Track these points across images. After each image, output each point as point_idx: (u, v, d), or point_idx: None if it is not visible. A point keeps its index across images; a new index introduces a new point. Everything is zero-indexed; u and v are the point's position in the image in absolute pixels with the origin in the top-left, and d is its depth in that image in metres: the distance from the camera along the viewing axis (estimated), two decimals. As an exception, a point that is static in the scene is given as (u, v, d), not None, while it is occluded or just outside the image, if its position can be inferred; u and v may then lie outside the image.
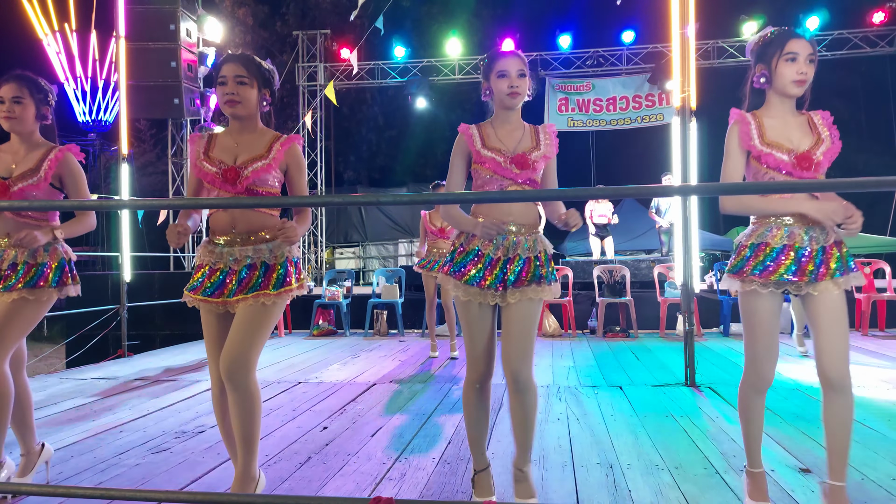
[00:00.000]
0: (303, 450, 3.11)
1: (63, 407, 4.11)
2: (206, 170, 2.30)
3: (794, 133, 2.17)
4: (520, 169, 2.29)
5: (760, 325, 2.15)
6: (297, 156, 2.37)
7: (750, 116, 2.21)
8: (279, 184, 2.37)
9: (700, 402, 4.02)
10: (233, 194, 2.28)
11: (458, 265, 2.29)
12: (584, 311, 8.01)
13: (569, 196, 1.87)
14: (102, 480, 2.70)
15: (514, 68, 2.28)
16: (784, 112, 2.20)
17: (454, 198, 1.92)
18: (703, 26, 10.21)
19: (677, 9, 4.76)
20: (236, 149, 2.32)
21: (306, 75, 12.46)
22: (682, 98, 4.69)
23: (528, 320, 2.27)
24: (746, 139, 2.18)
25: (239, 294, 2.25)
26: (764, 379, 2.17)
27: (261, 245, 2.28)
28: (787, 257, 2.10)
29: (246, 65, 2.27)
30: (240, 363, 2.20)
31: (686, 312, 4.67)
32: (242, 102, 2.26)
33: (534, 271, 2.25)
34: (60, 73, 18.34)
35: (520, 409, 2.29)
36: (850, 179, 1.35)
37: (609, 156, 16.63)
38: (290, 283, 2.29)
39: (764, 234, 2.15)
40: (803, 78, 2.13)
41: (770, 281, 2.10)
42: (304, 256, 12.51)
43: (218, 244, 2.30)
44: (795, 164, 2.12)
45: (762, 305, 2.14)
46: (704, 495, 2.46)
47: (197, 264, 2.34)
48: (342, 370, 5.37)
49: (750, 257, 2.16)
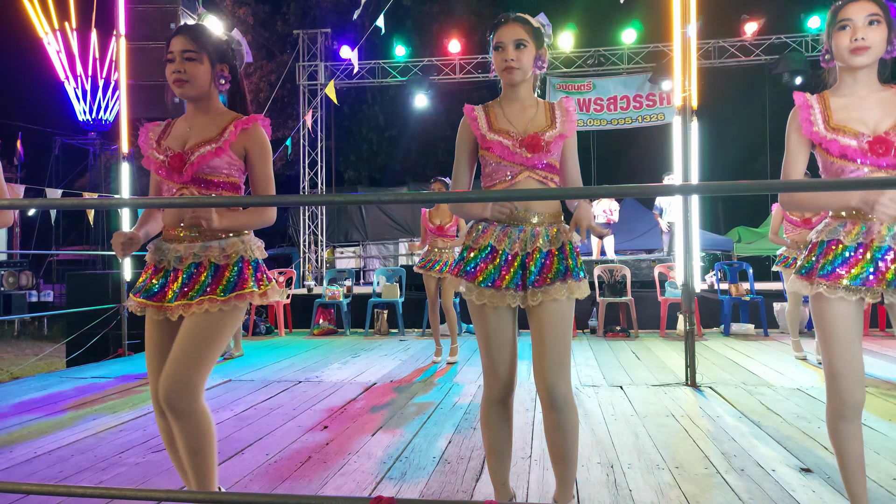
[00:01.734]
0: (303, 449, 3.10)
1: (63, 406, 4.11)
2: (154, 159, 2.02)
3: (871, 112, 1.83)
4: (531, 152, 2.00)
5: (834, 336, 1.83)
6: (257, 138, 2.03)
7: (815, 99, 1.90)
8: (238, 172, 2.04)
9: (701, 401, 4.01)
10: (180, 185, 1.98)
11: (469, 264, 2.02)
12: (585, 310, 8.00)
13: (570, 195, 1.84)
14: (103, 479, 2.70)
15: (511, 38, 2.00)
16: (857, 89, 1.86)
17: (455, 197, 1.91)
18: (704, 26, 10.19)
19: (678, 8, 4.76)
20: (188, 133, 2.03)
21: (307, 74, 12.45)
22: (684, 97, 4.69)
23: (561, 325, 1.97)
24: (808, 125, 1.87)
25: (181, 299, 1.92)
26: (845, 402, 1.83)
27: (210, 242, 1.97)
28: (861, 258, 1.79)
29: (194, 37, 1.97)
30: (180, 387, 1.86)
31: (687, 312, 4.67)
32: (190, 81, 1.96)
33: (558, 266, 1.96)
34: (61, 72, 18.35)
35: (558, 432, 1.98)
36: (853, 179, 1.34)
37: (610, 155, 16.63)
38: (244, 287, 1.95)
39: (836, 230, 1.85)
40: (862, 44, 1.78)
41: (839, 285, 1.80)
42: (305, 256, 12.51)
43: (167, 241, 2.02)
44: (867, 149, 1.78)
45: (834, 313, 1.82)
46: (705, 495, 2.45)
47: (146, 264, 2.06)
48: (343, 369, 5.37)
49: (819, 256, 1.86)
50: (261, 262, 2.07)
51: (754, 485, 2.55)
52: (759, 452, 2.95)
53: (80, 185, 21.41)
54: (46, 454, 3.07)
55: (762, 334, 7.25)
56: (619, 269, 7.78)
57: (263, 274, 2.06)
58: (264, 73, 17.74)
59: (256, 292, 1.99)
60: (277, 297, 2.11)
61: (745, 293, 7.48)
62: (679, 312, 7.38)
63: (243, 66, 2.17)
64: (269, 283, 2.07)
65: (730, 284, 7.63)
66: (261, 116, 2.07)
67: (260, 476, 2.72)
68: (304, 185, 12.47)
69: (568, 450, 1.99)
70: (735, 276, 7.75)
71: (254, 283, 1.99)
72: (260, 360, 5.89)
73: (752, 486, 2.54)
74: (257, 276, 2.02)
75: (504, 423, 2.09)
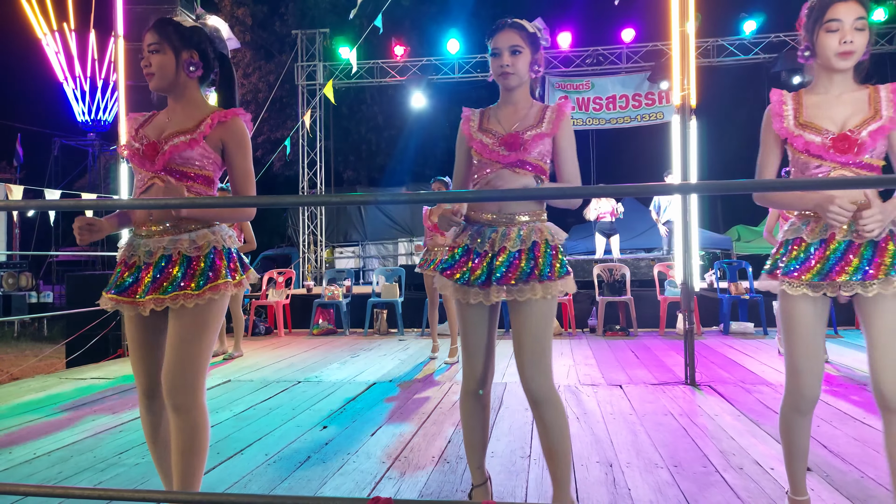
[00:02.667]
0: (302, 449, 3.11)
1: (63, 406, 4.11)
2: (130, 146, 2.02)
3: (841, 110, 1.87)
4: (509, 150, 2.06)
5: (796, 332, 1.89)
6: (236, 132, 1.99)
7: (790, 97, 1.96)
8: (213, 166, 2.01)
9: (700, 400, 4.01)
10: (152, 174, 1.97)
11: (447, 262, 2.11)
12: (584, 309, 8.00)
13: (568, 195, 1.84)
14: (102, 480, 2.70)
15: (507, 44, 2.05)
16: (832, 88, 1.90)
17: (452, 197, 1.92)
18: (702, 24, 10.20)
19: (677, 7, 4.76)
20: (166, 124, 2.02)
21: (305, 75, 12.45)
22: (682, 96, 4.69)
23: (535, 325, 1.99)
24: (778, 121, 1.93)
25: (152, 293, 1.90)
26: (804, 397, 1.90)
27: (180, 235, 1.94)
28: (823, 255, 1.84)
29: (158, 29, 1.97)
30: (181, 386, 1.89)
31: (686, 311, 4.67)
32: (156, 73, 1.97)
33: (524, 266, 1.98)
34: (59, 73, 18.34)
35: (543, 430, 2.01)
36: (851, 178, 1.35)
37: (609, 154, 16.64)
38: (217, 278, 1.92)
39: (800, 229, 1.91)
40: (849, 48, 1.82)
41: (802, 281, 1.85)
42: (304, 256, 12.51)
43: (137, 235, 2.01)
44: (830, 145, 1.84)
45: (798, 310, 1.88)
46: (703, 494, 2.46)
47: (118, 260, 2.05)
48: (342, 369, 5.37)
49: (784, 255, 1.93)
50: (234, 251, 2.03)
51: (753, 483, 2.55)
52: (757, 451, 2.95)
53: (80, 186, 21.41)
54: (46, 455, 3.07)
55: (761, 333, 7.25)
56: (619, 268, 7.78)
57: (238, 263, 2.02)
58: (263, 73, 17.72)
59: (231, 282, 1.96)
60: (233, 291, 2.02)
61: (745, 292, 7.48)
62: (678, 311, 7.38)
63: (229, 52, 2.14)
64: (246, 272, 2.03)
65: (729, 283, 7.63)
66: (241, 110, 2.04)
67: (259, 476, 2.72)
68: (303, 186, 12.47)
69: (555, 447, 2.01)
70: (734, 275, 7.76)
71: (227, 272, 1.95)
72: (259, 361, 5.89)
73: (750, 484, 2.54)
74: (231, 266, 1.98)
75: (478, 412, 2.16)
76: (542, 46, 2.12)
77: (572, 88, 11.75)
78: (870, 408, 3.66)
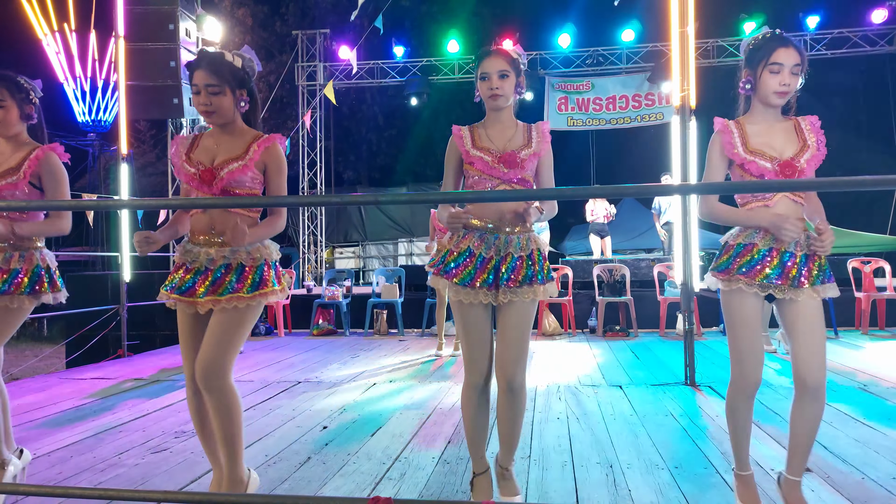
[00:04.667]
0: (302, 450, 3.10)
1: (63, 407, 4.11)
2: (186, 171, 2.28)
3: (777, 139, 2.15)
4: (508, 168, 2.27)
5: (744, 324, 2.13)
6: (276, 156, 2.31)
7: (734, 125, 2.20)
8: (258, 184, 2.32)
9: (700, 401, 4.01)
10: (210, 195, 2.25)
11: (449, 265, 2.27)
12: (584, 310, 8.00)
13: (567, 196, 1.86)
14: (102, 480, 2.70)
15: (495, 69, 2.25)
16: (768, 118, 2.18)
17: (452, 197, 1.92)
18: (702, 25, 10.20)
19: (677, 8, 4.76)
20: (216, 150, 2.28)
21: (306, 75, 12.45)
22: (682, 97, 4.69)
23: (523, 325, 2.26)
24: (730, 147, 2.17)
25: (211, 295, 2.21)
26: (750, 382, 2.14)
27: (239, 248, 2.24)
28: (772, 259, 2.11)
29: (216, 71, 2.19)
30: (213, 368, 2.18)
31: (686, 311, 4.67)
32: (217, 112, 2.22)
33: (526, 271, 2.23)
34: (60, 74, 18.34)
35: (510, 412, 2.31)
36: (848, 178, 1.34)
37: (609, 155, 16.61)
38: (265, 286, 2.26)
39: (752, 235, 2.15)
40: (785, 90, 2.10)
41: (755, 281, 2.10)
42: (304, 256, 12.51)
43: (196, 244, 2.28)
44: (778, 171, 2.10)
45: (746, 305, 2.13)
46: (704, 495, 2.46)
47: (176, 263, 2.32)
48: (342, 370, 5.37)
49: (736, 256, 2.16)
50: (277, 263, 2.37)
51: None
52: (757, 452, 2.95)
53: (80, 187, 21.40)
54: (45, 455, 3.07)
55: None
56: (619, 269, 7.78)
57: (281, 273, 2.38)
58: (263, 73, 17.70)
59: (277, 290, 2.30)
60: (277, 297, 2.35)
61: (745, 292, 7.47)
62: (678, 312, 7.38)
63: (255, 77, 2.37)
64: (284, 282, 2.37)
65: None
66: (280, 136, 2.34)
67: (259, 477, 2.72)
68: (303, 186, 12.47)
69: (517, 424, 2.34)
70: (734, 276, 7.74)
71: (274, 281, 2.29)
72: (259, 361, 5.89)
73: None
74: (277, 276, 2.32)
75: (483, 405, 2.36)
76: (522, 71, 2.33)
77: (572, 89, 11.75)
78: (870, 409, 3.66)
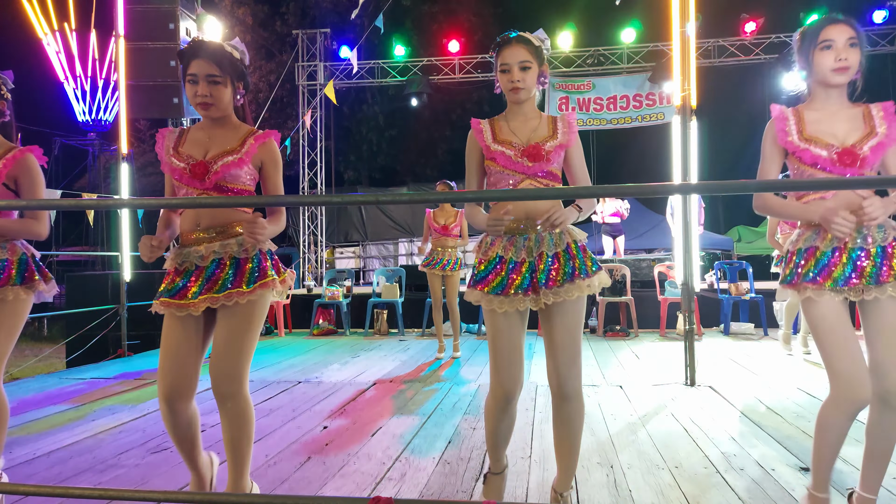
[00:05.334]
0: (303, 450, 3.10)
1: (62, 407, 4.11)
2: (175, 165, 2.12)
3: (840, 126, 1.97)
4: (532, 161, 2.10)
5: (831, 333, 1.91)
6: (272, 151, 2.18)
7: (791, 112, 2.04)
8: (253, 181, 2.18)
9: (701, 401, 4.01)
10: (201, 191, 2.09)
11: (480, 275, 2.13)
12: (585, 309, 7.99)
13: (569, 195, 1.85)
14: (102, 481, 2.69)
15: (516, 60, 2.09)
16: (830, 104, 2.00)
17: (454, 197, 1.90)
18: (703, 25, 10.19)
19: (678, 7, 4.75)
20: (208, 143, 2.14)
21: (306, 74, 12.44)
22: (683, 97, 4.69)
23: (571, 325, 2.10)
24: (783, 135, 2.00)
25: (206, 294, 2.05)
26: (852, 400, 1.88)
27: (228, 240, 2.10)
28: (839, 260, 1.92)
29: (218, 62, 2.06)
30: (231, 376, 2.03)
31: (686, 311, 4.66)
32: (216, 104, 2.09)
33: (565, 267, 2.07)
34: (60, 73, 18.35)
35: (565, 425, 2.12)
36: (852, 178, 1.34)
37: (610, 155, 16.63)
38: (265, 276, 2.10)
39: (812, 238, 1.97)
40: (843, 65, 1.92)
41: (825, 288, 1.91)
42: (304, 256, 12.51)
43: (186, 245, 2.13)
44: (836, 160, 1.92)
45: (825, 312, 1.91)
46: (705, 495, 2.45)
47: (168, 271, 2.16)
48: (342, 370, 5.36)
49: (800, 264, 1.98)
50: (274, 253, 2.23)
51: (754, 484, 2.54)
52: (758, 452, 2.95)
53: (80, 186, 21.41)
54: (45, 455, 3.07)
55: (762, 334, 7.25)
56: (619, 269, 7.77)
57: (279, 264, 2.23)
58: (263, 73, 17.73)
59: (277, 279, 2.15)
60: (278, 296, 2.22)
61: (745, 292, 7.48)
62: (679, 312, 7.38)
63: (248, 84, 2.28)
64: (286, 272, 2.24)
65: (729, 284, 7.62)
66: (276, 132, 2.23)
67: (259, 477, 2.72)
68: (303, 186, 12.46)
69: (574, 438, 2.13)
70: (735, 276, 7.75)
71: (273, 271, 2.15)
72: (259, 361, 5.88)
73: (751, 485, 2.53)
74: (275, 266, 2.18)
75: (507, 418, 2.19)
76: (545, 59, 2.16)
77: (573, 89, 11.74)
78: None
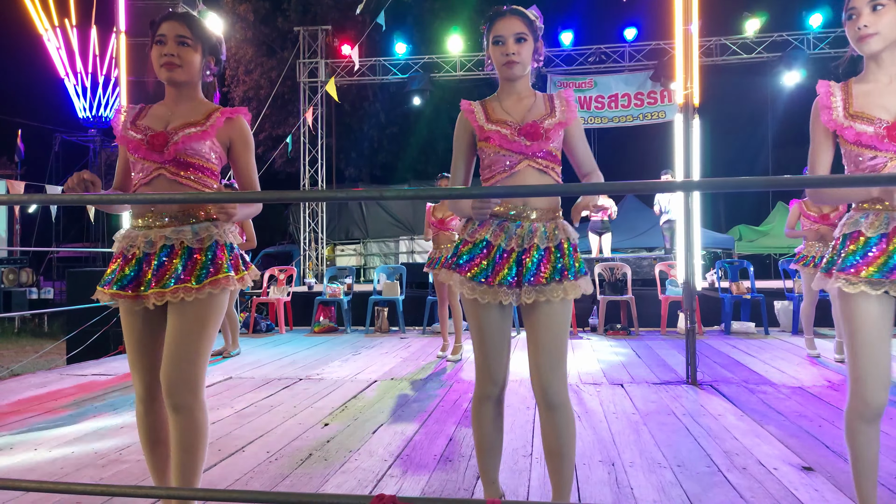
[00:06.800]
0: (304, 447, 3.10)
1: (63, 403, 4.10)
2: (130, 138, 1.96)
3: (893, 99, 1.76)
4: (530, 140, 1.94)
5: (859, 332, 1.75)
6: (242, 130, 2.02)
7: (839, 88, 1.85)
8: (219, 161, 2.01)
9: (702, 399, 4.01)
10: (159, 164, 1.92)
11: (463, 258, 1.96)
12: (585, 308, 7.99)
13: (572, 191, 1.81)
14: (103, 477, 2.69)
15: (511, 31, 1.94)
16: (880, 77, 1.79)
17: (458, 193, 1.90)
18: (705, 23, 10.16)
19: (680, 6, 4.74)
20: (170, 116, 1.99)
21: (307, 72, 12.43)
22: (685, 95, 4.68)
23: (556, 327, 1.93)
24: (826, 113, 1.82)
25: (155, 286, 1.85)
26: (868, 403, 1.75)
27: (183, 226, 1.90)
28: (884, 250, 1.71)
29: (190, 25, 1.95)
30: (182, 383, 1.85)
31: (688, 310, 4.66)
32: (183, 66, 1.94)
33: (554, 264, 1.91)
34: (61, 69, 18.35)
35: (552, 433, 1.94)
36: (860, 175, 1.33)
37: (611, 153, 16.61)
38: (218, 272, 1.88)
39: (858, 222, 1.78)
40: (866, 32, 1.74)
41: (860, 279, 1.72)
42: (305, 253, 12.50)
43: (136, 227, 1.94)
44: (885, 135, 1.72)
45: (859, 310, 1.73)
46: (707, 493, 2.45)
47: (114, 254, 1.97)
48: (343, 367, 5.36)
49: (841, 250, 1.80)
50: (236, 247, 2.01)
51: (756, 483, 2.54)
52: (760, 451, 2.94)
53: (81, 183, 21.37)
54: (46, 451, 3.07)
55: (763, 332, 7.24)
56: (620, 267, 7.77)
57: (240, 259, 2.02)
58: (265, 69, 17.69)
59: (232, 277, 1.92)
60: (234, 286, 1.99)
61: (746, 291, 7.47)
62: (680, 310, 7.38)
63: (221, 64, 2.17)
64: (248, 269, 2.03)
65: (730, 282, 7.62)
66: (245, 110, 2.08)
67: (261, 474, 2.72)
68: (304, 183, 12.45)
69: (563, 450, 1.95)
70: (736, 275, 7.75)
71: (229, 267, 1.93)
72: (260, 358, 5.88)
73: (753, 484, 2.53)
74: (232, 261, 1.96)
75: (496, 421, 2.07)
76: (540, 36, 2.04)
77: (575, 87, 11.73)
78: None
